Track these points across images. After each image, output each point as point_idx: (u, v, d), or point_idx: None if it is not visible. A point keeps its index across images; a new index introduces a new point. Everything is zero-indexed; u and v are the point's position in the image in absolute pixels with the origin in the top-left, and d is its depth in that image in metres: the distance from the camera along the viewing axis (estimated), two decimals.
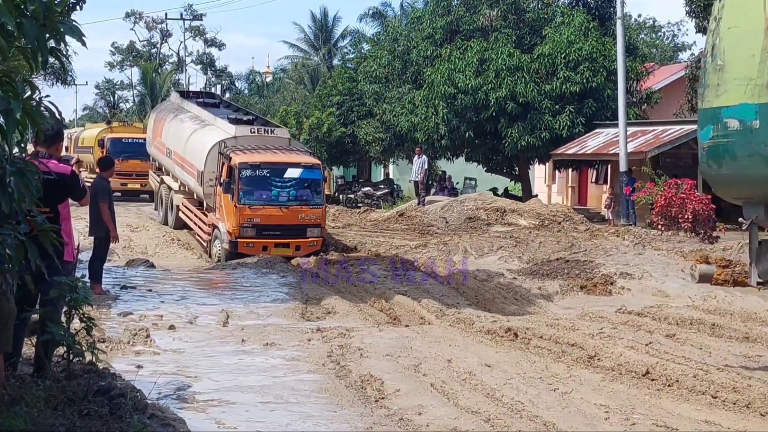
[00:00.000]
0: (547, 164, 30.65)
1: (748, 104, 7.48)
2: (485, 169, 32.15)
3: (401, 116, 29.59)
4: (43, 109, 4.30)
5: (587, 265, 14.90)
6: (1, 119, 4.07)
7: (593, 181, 31.80)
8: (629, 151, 22.93)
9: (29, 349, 6.79)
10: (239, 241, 17.31)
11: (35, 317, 6.39)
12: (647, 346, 8.79)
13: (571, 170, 31.18)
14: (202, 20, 62.96)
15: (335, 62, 54.18)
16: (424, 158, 27.49)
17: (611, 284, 13.69)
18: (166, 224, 23.17)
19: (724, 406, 7.05)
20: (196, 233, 20.47)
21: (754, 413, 6.88)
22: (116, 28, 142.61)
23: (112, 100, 78.18)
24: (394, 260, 16.09)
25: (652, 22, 55.00)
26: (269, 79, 69.38)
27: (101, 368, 6.33)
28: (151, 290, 12.46)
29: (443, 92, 27.08)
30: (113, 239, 12.20)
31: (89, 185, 11.51)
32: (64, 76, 41.45)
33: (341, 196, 34.13)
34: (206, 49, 70.86)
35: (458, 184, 36.86)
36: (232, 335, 9.47)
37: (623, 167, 22.88)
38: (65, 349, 5.71)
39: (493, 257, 16.52)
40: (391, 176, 41.26)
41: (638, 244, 17.08)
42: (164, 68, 68.97)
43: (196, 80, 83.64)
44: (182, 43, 64.69)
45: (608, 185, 28.67)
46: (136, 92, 70.62)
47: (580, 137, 26.51)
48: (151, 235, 20.90)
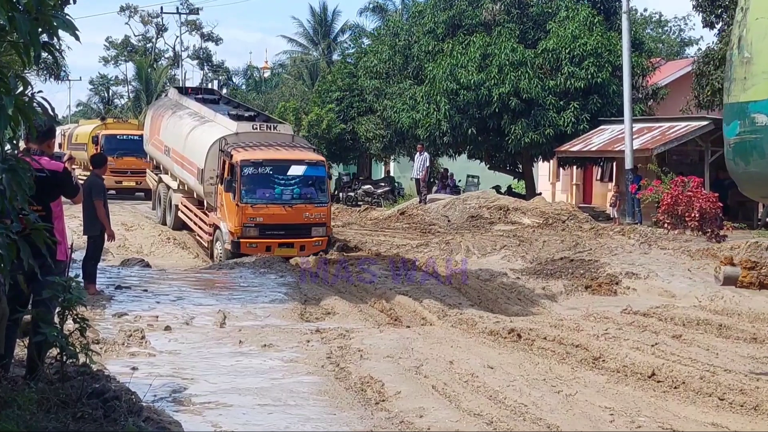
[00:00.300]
0: (551, 161, 30.54)
1: None
2: (488, 166, 32.07)
3: (402, 112, 29.50)
4: (35, 105, 4.25)
5: (592, 264, 14.81)
6: None
7: (598, 178, 31.71)
8: (635, 148, 22.81)
9: (21, 350, 6.75)
10: (242, 241, 17.02)
11: (27, 318, 6.35)
12: (653, 347, 8.70)
13: (575, 168, 31.10)
14: (198, 14, 63.10)
15: (335, 57, 54.09)
16: (425, 155, 27.36)
17: (616, 284, 13.60)
18: (164, 224, 22.94)
19: (731, 408, 6.98)
20: (196, 234, 20.27)
21: (762, 415, 6.80)
22: (111, 22, 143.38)
23: (106, 96, 78.22)
24: (394, 260, 15.93)
25: (658, 16, 55.11)
26: (267, 74, 69.30)
27: (95, 370, 6.29)
28: (146, 290, 12.37)
29: (445, 88, 26.97)
30: (109, 237, 12.11)
31: (83, 183, 11.45)
32: (57, 71, 41.48)
33: (341, 194, 34.01)
34: (203, 43, 70.95)
35: (460, 181, 36.74)
36: (229, 336, 9.39)
37: (629, 164, 22.76)
38: (58, 350, 5.66)
39: (496, 256, 16.43)
40: (391, 174, 41.21)
41: (644, 243, 16.98)
42: (160, 63, 69.00)
43: (192, 76, 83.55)
44: (178, 37, 64.92)
45: (613, 183, 28.54)
46: (131, 88, 70.65)
47: (584, 134, 26.41)
48: (146, 234, 20.85)
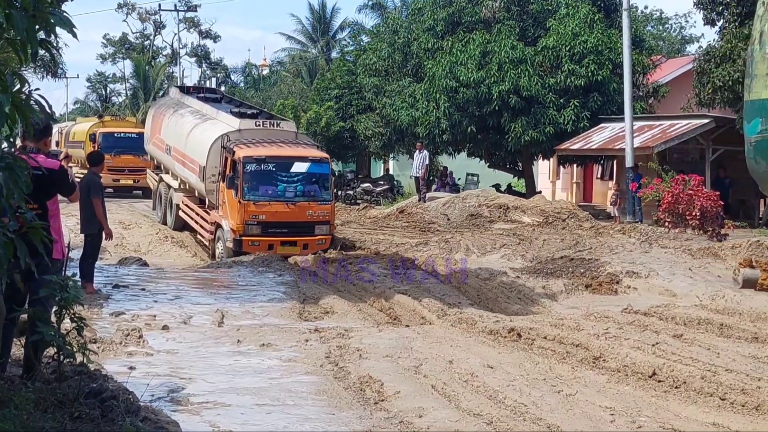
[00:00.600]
0: (551, 160, 30.46)
1: None
2: (488, 164, 32.04)
3: (401, 110, 29.46)
4: (32, 102, 4.22)
5: (592, 263, 14.77)
6: None
7: (598, 177, 31.68)
8: (635, 146, 22.78)
9: (18, 349, 6.74)
10: (244, 239, 16.89)
11: (24, 317, 6.35)
12: (654, 346, 8.66)
13: (575, 166, 31.06)
14: (196, 11, 62.78)
15: (334, 55, 54.02)
16: (425, 153, 27.32)
17: (617, 283, 13.56)
18: (164, 224, 22.80)
19: (732, 408, 6.95)
20: (197, 233, 20.14)
21: (763, 415, 6.78)
22: (108, 19, 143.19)
23: (103, 93, 78.07)
24: (394, 258, 15.88)
25: (658, 13, 55.04)
26: (266, 72, 69.24)
27: (92, 370, 6.27)
28: (144, 289, 12.32)
29: (445, 86, 26.93)
30: (107, 236, 12.07)
31: (80, 181, 11.41)
32: (54, 68, 41.33)
33: (340, 192, 33.96)
34: (201, 41, 70.79)
35: (460, 180, 36.71)
36: (227, 336, 9.36)
37: (629, 163, 22.72)
38: (55, 349, 5.63)
39: (495, 255, 16.39)
40: (391, 172, 41.17)
41: (645, 241, 16.95)
42: (158, 61, 68.83)
43: (190, 73, 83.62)
44: (176, 34, 64.31)
45: (614, 181, 28.50)
46: (128, 85, 70.40)
47: (585, 132, 26.37)
48: (144, 232, 20.84)
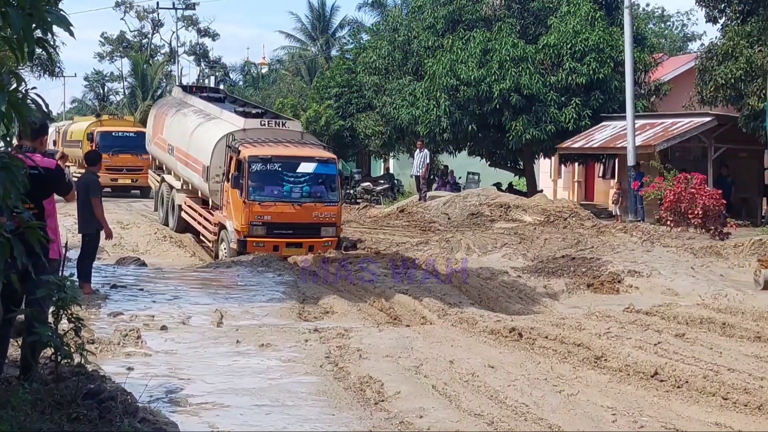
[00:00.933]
0: (552, 158, 30.49)
1: None
2: (489, 163, 31.99)
3: (402, 109, 29.40)
4: (29, 101, 4.17)
5: (594, 262, 14.75)
6: None
7: (600, 175, 31.64)
8: (637, 144, 22.71)
9: (15, 350, 6.72)
10: (248, 240, 16.67)
11: (21, 317, 6.31)
12: (656, 346, 8.64)
13: (577, 164, 31.01)
14: (194, 9, 62.63)
15: (333, 53, 53.99)
16: (425, 152, 27.25)
17: (619, 282, 13.56)
18: (166, 225, 22.59)
19: (735, 407, 6.93)
20: (200, 234, 19.95)
21: (766, 415, 6.75)
22: (106, 17, 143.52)
23: (101, 92, 78.10)
24: (394, 258, 15.78)
25: (660, 11, 55.23)
26: (265, 70, 69.21)
27: (90, 370, 6.28)
28: (142, 289, 12.28)
29: (445, 84, 26.87)
30: (107, 236, 12.02)
31: (76, 181, 11.38)
32: (51, 67, 41.38)
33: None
34: (199, 39, 70.73)
35: (461, 179, 36.70)
36: (226, 336, 9.33)
37: (631, 161, 22.65)
38: (53, 350, 5.65)
39: (496, 254, 16.35)
40: (391, 171, 41.14)
41: (647, 240, 16.92)
42: (156, 59, 68.80)
43: (189, 71, 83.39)
44: (174, 33, 64.44)
45: (615, 180, 28.46)
46: (126, 84, 70.54)
47: (586, 130, 26.30)
48: (142, 232, 20.82)
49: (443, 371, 7.82)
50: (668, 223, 18.75)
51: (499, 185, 31.11)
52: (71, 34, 4.15)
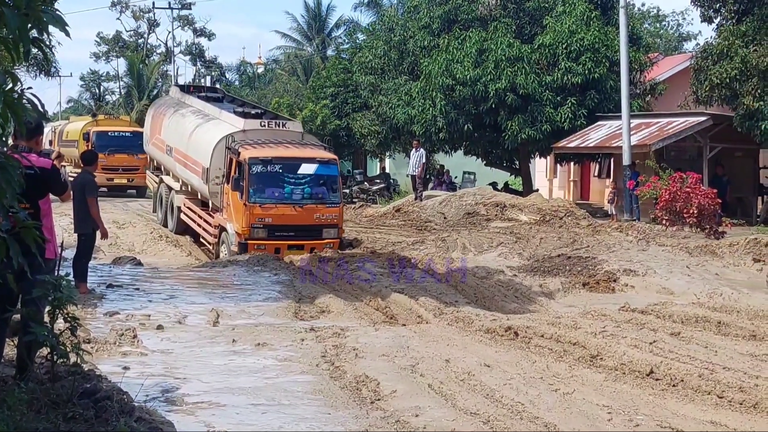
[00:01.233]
0: (548, 158, 30.43)
1: None
2: (484, 162, 31.98)
3: (398, 108, 29.39)
4: (25, 101, 4.16)
5: (590, 261, 14.74)
6: None
7: (596, 175, 31.63)
8: (633, 144, 22.73)
9: (11, 350, 6.70)
10: (249, 242, 16.54)
11: (17, 317, 6.32)
12: (651, 344, 8.65)
13: (572, 164, 31.04)
14: (190, 9, 62.47)
15: (329, 53, 53.98)
16: (421, 152, 27.25)
17: (614, 281, 13.54)
18: (165, 227, 22.41)
19: (730, 406, 6.94)
20: (200, 236, 19.79)
21: (761, 413, 6.77)
22: (102, 17, 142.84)
23: (97, 92, 77.72)
24: (390, 257, 15.75)
25: (656, 11, 55.09)
26: (261, 70, 69.17)
27: (86, 370, 6.25)
28: (138, 289, 12.24)
29: (441, 84, 26.87)
30: (102, 236, 12.00)
31: (72, 180, 11.36)
32: (47, 67, 41.19)
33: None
34: (195, 39, 70.35)
35: (457, 178, 36.72)
36: (222, 335, 9.30)
37: (626, 161, 22.67)
38: (49, 350, 5.63)
39: (492, 254, 16.33)
40: (387, 170, 41.12)
41: (642, 239, 16.90)
42: (152, 59, 68.52)
43: (184, 71, 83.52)
44: (170, 33, 64.50)
45: (611, 179, 28.49)
46: (122, 84, 70.24)
47: (582, 130, 26.32)
48: (138, 231, 20.76)
49: (439, 370, 7.81)
50: (663, 222, 18.74)
51: (494, 185, 31.13)
52: (67, 33, 4.16)
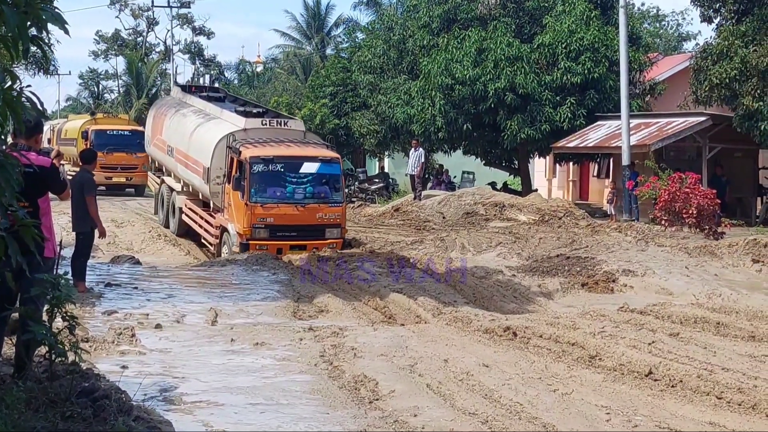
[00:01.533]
0: (547, 158, 30.43)
1: None
2: (483, 162, 31.96)
3: (397, 108, 29.37)
4: (24, 99, 4.16)
5: (588, 261, 14.72)
6: None
7: (595, 175, 31.62)
8: (632, 144, 22.70)
9: (9, 348, 6.68)
10: (251, 243, 16.31)
11: (16, 316, 6.30)
12: (650, 345, 8.64)
13: (572, 164, 31.02)
14: (190, 8, 62.29)
15: (328, 52, 53.97)
16: (420, 151, 27.25)
17: (613, 281, 13.53)
18: (167, 228, 22.22)
19: (729, 407, 6.94)
20: (202, 237, 19.61)
21: (760, 414, 6.76)
22: (101, 15, 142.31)
23: (96, 90, 77.63)
24: (389, 257, 15.68)
25: (655, 11, 55.08)
26: (260, 69, 69.13)
27: (84, 369, 6.23)
28: (136, 288, 12.21)
29: (440, 83, 26.84)
30: (101, 234, 11.98)
31: (71, 179, 11.34)
32: (46, 65, 41.26)
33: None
34: (194, 37, 70.34)
35: (456, 178, 36.70)
36: (220, 334, 9.28)
37: (626, 161, 22.65)
38: (47, 348, 5.61)
39: (491, 254, 16.30)
40: (386, 170, 41.10)
41: (641, 240, 16.87)
42: (151, 57, 68.49)
43: (183, 70, 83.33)
44: (169, 31, 64.09)
45: (610, 179, 28.47)
46: (121, 82, 70.17)
47: (581, 130, 26.29)
48: (136, 230, 20.74)
49: (438, 370, 7.80)
50: (663, 222, 18.72)
51: (493, 184, 31.12)
52: (66, 32, 4.16)
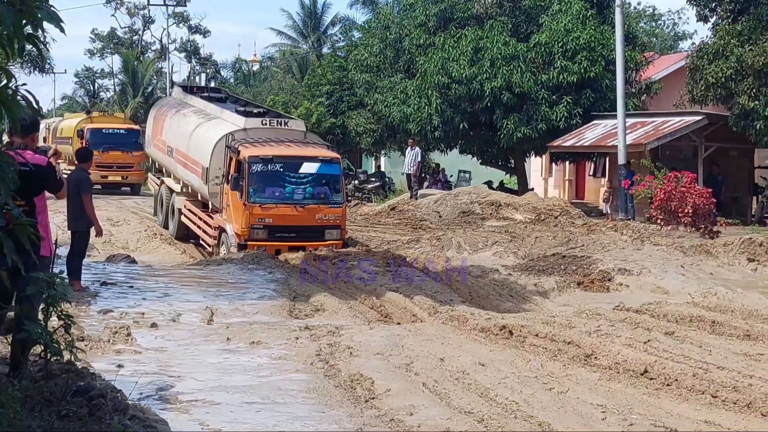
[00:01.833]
0: (543, 157, 30.47)
1: None
2: (480, 161, 31.96)
3: (393, 107, 29.33)
4: (19, 98, 4.13)
5: (584, 260, 14.74)
6: None
7: (591, 174, 31.65)
8: (628, 143, 22.72)
9: (5, 347, 6.67)
10: (249, 243, 16.09)
11: (11, 314, 6.27)
12: (646, 344, 8.64)
13: (568, 163, 31.03)
14: (186, 6, 62.16)
15: (325, 50, 53.85)
16: (416, 150, 27.21)
17: (609, 280, 13.55)
18: (166, 229, 22.02)
19: (724, 405, 6.94)
20: (200, 238, 19.42)
21: (755, 413, 6.76)
22: (96, 14, 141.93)
23: (92, 89, 77.38)
24: (385, 256, 15.62)
25: (651, 10, 55.18)
26: (256, 67, 68.90)
27: (80, 368, 6.21)
28: (132, 287, 12.18)
29: (437, 82, 26.84)
30: (97, 233, 11.95)
31: (68, 177, 11.31)
32: (41, 63, 41.22)
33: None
34: (190, 36, 70.09)
35: (452, 177, 36.69)
36: (216, 333, 9.26)
37: (622, 160, 22.66)
38: (42, 347, 5.59)
39: (487, 252, 16.31)
40: (382, 169, 41.05)
41: (637, 239, 16.89)
42: (146, 56, 68.30)
43: (179, 68, 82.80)
44: (165, 29, 63.99)
45: (606, 178, 28.51)
46: (117, 81, 69.90)
47: (577, 129, 26.32)
48: (132, 229, 20.70)
49: (434, 369, 7.80)
50: (658, 221, 18.74)
51: (490, 183, 31.10)
52: (62, 30, 4.12)
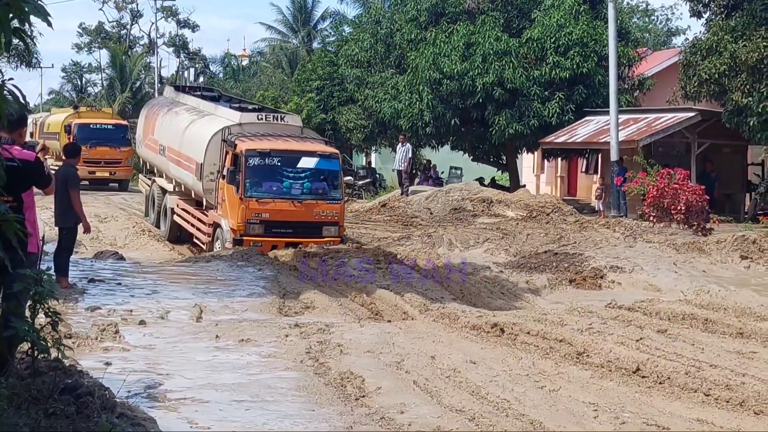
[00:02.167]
0: (535, 153, 30.49)
1: None
2: (471, 158, 31.97)
3: (384, 102, 29.30)
4: (6, 93, 4.12)
5: (576, 258, 14.75)
6: None
7: (583, 170, 31.69)
8: (620, 139, 22.72)
9: None
10: (244, 239, 15.83)
11: None
12: (638, 342, 8.65)
13: (560, 159, 31.07)
14: (174, 0, 62.20)
15: (315, 45, 53.78)
16: (407, 146, 27.12)
17: (601, 278, 13.58)
18: (158, 228, 21.76)
19: (716, 404, 6.94)
20: (194, 236, 19.16)
21: (747, 411, 6.78)
22: (84, 8, 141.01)
23: (79, 83, 77.19)
24: (376, 253, 15.54)
25: (644, 5, 55.12)
26: (245, 62, 68.80)
27: (67, 365, 6.13)
28: (120, 284, 12.08)
29: (428, 77, 26.81)
30: (85, 230, 11.87)
31: (54, 173, 11.22)
32: (28, 58, 41.05)
33: None
34: (179, 30, 69.84)
35: (443, 173, 36.70)
36: (205, 331, 9.21)
37: (614, 156, 22.66)
38: (29, 345, 5.52)
39: (479, 250, 16.32)
40: (373, 165, 41.02)
41: (629, 236, 16.92)
42: (135, 51, 68.21)
43: (168, 63, 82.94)
44: (153, 24, 64.03)
45: (599, 175, 28.55)
46: (104, 75, 69.72)
47: (569, 125, 26.33)
48: (120, 225, 20.63)
49: (425, 367, 7.78)
50: (651, 218, 18.75)
51: (481, 180, 31.11)
52: (49, 24, 4.10)
